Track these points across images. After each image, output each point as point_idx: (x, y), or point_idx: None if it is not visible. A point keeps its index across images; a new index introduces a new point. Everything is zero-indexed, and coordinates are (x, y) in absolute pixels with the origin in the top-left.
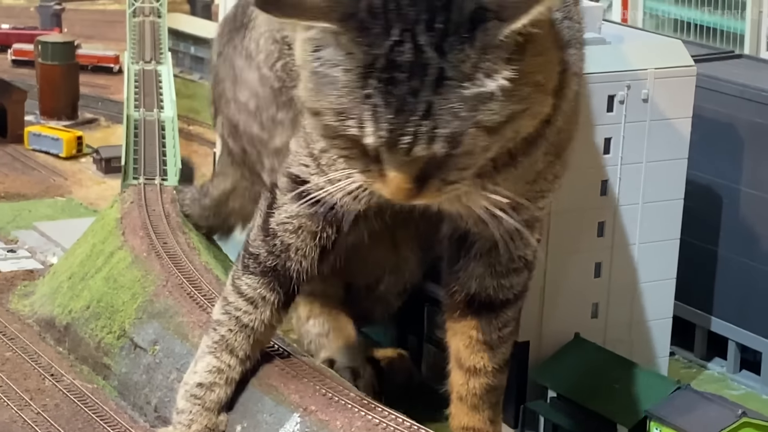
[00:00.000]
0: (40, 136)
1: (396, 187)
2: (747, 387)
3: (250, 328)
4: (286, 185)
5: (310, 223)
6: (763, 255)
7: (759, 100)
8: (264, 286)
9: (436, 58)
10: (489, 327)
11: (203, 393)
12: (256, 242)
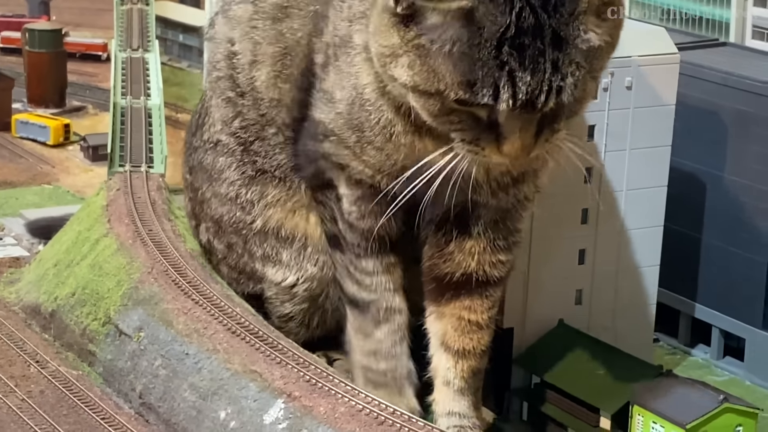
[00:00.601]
0: (27, 124)
1: (518, 146)
2: (730, 373)
3: (399, 288)
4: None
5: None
6: (746, 242)
7: (743, 87)
8: (384, 256)
9: (548, 20)
10: (481, 307)
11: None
12: (348, 234)
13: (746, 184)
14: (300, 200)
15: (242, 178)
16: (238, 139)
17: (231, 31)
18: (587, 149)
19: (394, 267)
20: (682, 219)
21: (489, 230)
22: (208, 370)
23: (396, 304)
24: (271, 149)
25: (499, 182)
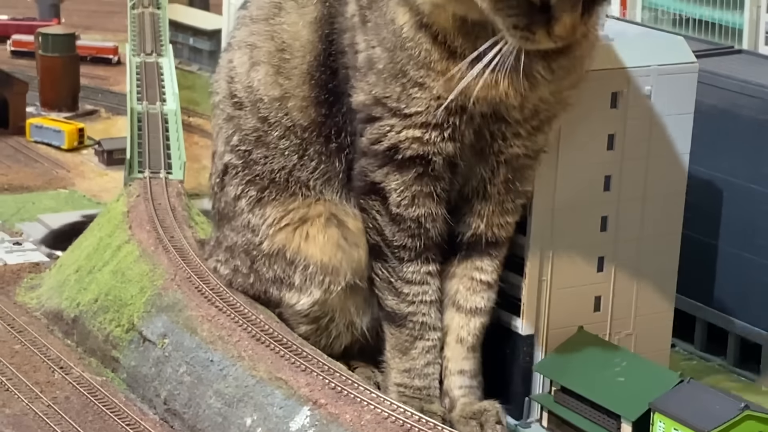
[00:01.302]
0: (41, 128)
1: (569, 25)
2: (746, 379)
3: (435, 301)
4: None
5: (418, 187)
6: (763, 249)
7: (759, 95)
8: (424, 264)
9: None
10: (491, 266)
11: (428, 370)
12: (394, 236)
13: (763, 192)
14: (297, 211)
15: (249, 203)
16: (238, 153)
17: (232, 54)
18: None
19: (432, 277)
20: (699, 226)
21: (501, 191)
22: (233, 377)
23: (431, 321)
24: (271, 154)
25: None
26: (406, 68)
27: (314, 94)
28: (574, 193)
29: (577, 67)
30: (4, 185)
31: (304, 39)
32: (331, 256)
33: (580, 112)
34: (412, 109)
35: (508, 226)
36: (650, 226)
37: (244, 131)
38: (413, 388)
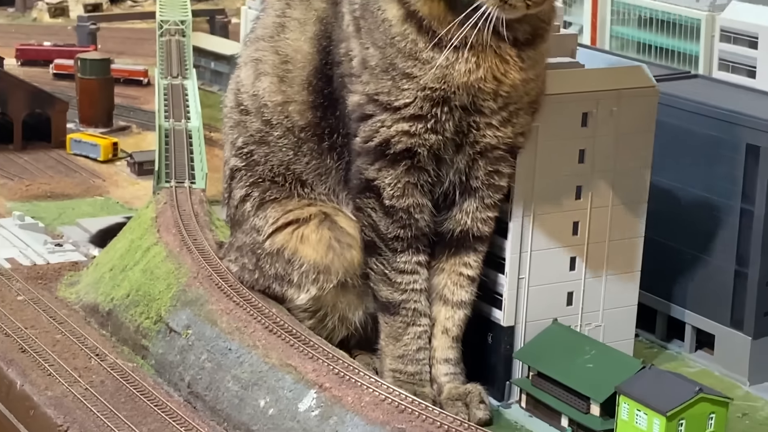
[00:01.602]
0: (80, 142)
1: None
2: (702, 365)
3: (425, 290)
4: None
5: (407, 178)
6: (716, 250)
7: (713, 115)
8: (415, 254)
9: None
10: (476, 262)
11: (419, 355)
12: (388, 229)
13: (715, 200)
14: (294, 212)
15: (252, 205)
16: (241, 156)
17: (238, 71)
18: None
19: (422, 267)
20: (659, 230)
21: (482, 186)
22: (248, 364)
23: (422, 308)
24: (271, 151)
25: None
26: (395, 61)
27: (312, 98)
28: (550, 201)
29: (540, 61)
30: (47, 193)
31: (305, 52)
32: (323, 255)
33: (555, 130)
34: (401, 101)
35: (490, 221)
36: (616, 229)
37: (249, 133)
38: (407, 374)
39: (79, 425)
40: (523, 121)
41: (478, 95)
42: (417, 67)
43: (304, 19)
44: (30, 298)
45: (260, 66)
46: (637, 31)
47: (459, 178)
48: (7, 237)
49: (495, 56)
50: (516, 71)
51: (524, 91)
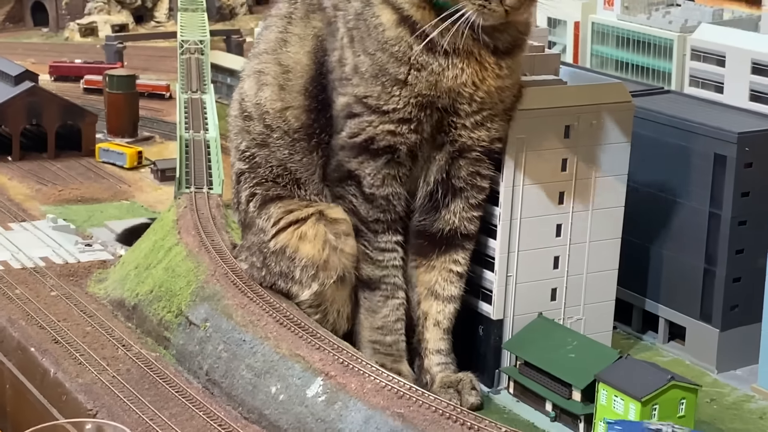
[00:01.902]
0: (108, 151)
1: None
2: (674, 354)
3: (401, 266)
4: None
5: (387, 170)
6: (687, 249)
7: (684, 128)
8: (393, 234)
9: None
10: (464, 259)
11: (397, 325)
12: (368, 213)
13: (686, 204)
14: (294, 213)
15: (255, 205)
16: (245, 159)
17: (242, 83)
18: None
19: (399, 246)
20: (635, 232)
21: (466, 186)
22: (261, 354)
23: (399, 282)
24: (271, 152)
25: (473, 111)
26: (387, 67)
27: (307, 103)
28: (535, 205)
29: (517, 70)
30: (78, 197)
31: (303, 63)
32: (320, 249)
33: (540, 141)
34: (390, 106)
35: (475, 220)
36: (596, 231)
37: (251, 137)
38: (385, 344)
39: (107, 409)
40: (498, 127)
41: (457, 99)
42: (412, 75)
43: (303, 35)
44: (62, 293)
45: (263, 77)
46: (615, 50)
47: (442, 177)
48: (42, 238)
49: (476, 63)
50: (493, 78)
51: (499, 98)
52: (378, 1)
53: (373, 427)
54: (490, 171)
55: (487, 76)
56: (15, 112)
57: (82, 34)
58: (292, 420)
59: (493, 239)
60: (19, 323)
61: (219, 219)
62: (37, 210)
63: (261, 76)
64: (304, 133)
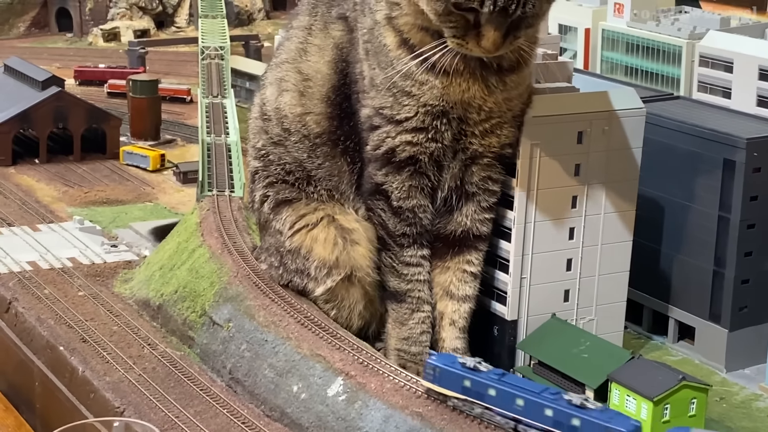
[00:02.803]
0: (132, 154)
1: (492, 40)
2: (683, 354)
3: (427, 281)
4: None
5: (411, 182)
6: (696, 252)
7: (693, 133)
8: (419, 248)
9: None
10: (477, 259)
11: (422, 338)
12: (396, 227)
13: (695, 208)
14: (306, 217)
15: (269, 206)
16: (259, 157)
17: (263, 90)
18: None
19: (425, 260)
20: (646, 234)
21: (478, 191)
22: (283, 354)
23: (425, 296)
24: (287, 152)
25: (481, 119)
26: (397, 82)
27: (329, 110)
28: (548, 209)
29: (523, 82)
30: (103, 199)
31: (324, 72)
32: (330, 251)
33: (553, 147)
34: (402, 115)
35: (487, 222)
36: (608, 234)
37: (269, 136)
38: (410, 354)
39: (134, 407)
40: (507, 133)
41: (468, 109)
42: (415, 87)
43: (323, 45)
44: (89, 293)
45: (283, 84)
46: (625, 57)
47: (456, 183)
48: (69, 239)
49: (481, 81)
50: (498, 93)
51: (507, 108)
52: (384, 23)
53: (393, 425)
54: (501, 175)
55: (493, 92)
56: (42, 116)
57: (105, 40)
58: (313, 418)
59: (508, 242)
60: (48, 322)
61: (241, 221)
62: (63, 212)
63: (282, 83)
64: (327, 138)
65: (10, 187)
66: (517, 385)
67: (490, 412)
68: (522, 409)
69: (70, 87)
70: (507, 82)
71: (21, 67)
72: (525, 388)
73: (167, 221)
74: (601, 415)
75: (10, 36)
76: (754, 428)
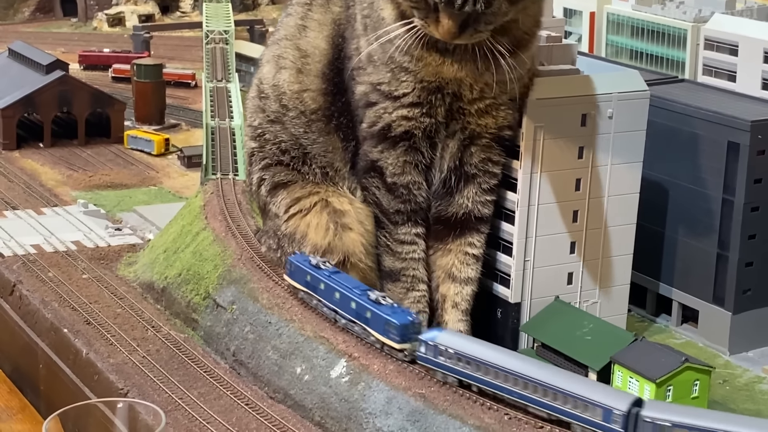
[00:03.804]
0: (136, 138)
1: (447, 29)
2: (686, 337)
3: (422, 259)
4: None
5: (405, 158)
6: (700, 235)
7: (697, 116)
8: (414, 226)
9: None
10: (479, 242)
11: (420, 318)
12: (390, 204)
13: (699, 191)
14: (300, 201)
15: (266, 189)
16: (255, 136)
17: (260, 69)
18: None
19: (419, 238)
20: (649, 217)
21: (478, 173)
22: (286, 335)
23: (420, 275)
24: (283, 128)
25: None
26: (394, 55)
27: (324, 86)
28: (552, 192)
29: (522, 66)
30: (107, 183)
31: (322, 48)
32: (322, 238)
33: (557, 129)
34: (400, 91)
35: (489, 204)
36: (611, 217)
37: (265, 113)
38: None
39: (138, 389)
40: (504, 115)
41: (461, 86)
42: (412, 63)
43: (323, 20)
44: (94, 276)
45: (281, 61)
46: (629, 40)
47: (455, 163)
48: (73, 222)
49: (474, 63)
50: (489, 77)
51: (500, 91)
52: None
53: (396, 407)
54: (501, 157)
55: (484, 74)
56: (46, 100)
57: (109, 24)
58: (316, 400)
59: (512, 225)
60: (53, 305)
61: (245, 204)
62: (68, 195)
63: (280, 60)
64: (321, 114)
65: (14, 171)
66: (339, 281)
67: (320, 304)
68: (338, 302)
69: (75, 72)
70: (499, 65)
71: (25, 51)
72: (343, 284)
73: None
74: (386, 309)
75: (15, 21)
76: (757, 410)
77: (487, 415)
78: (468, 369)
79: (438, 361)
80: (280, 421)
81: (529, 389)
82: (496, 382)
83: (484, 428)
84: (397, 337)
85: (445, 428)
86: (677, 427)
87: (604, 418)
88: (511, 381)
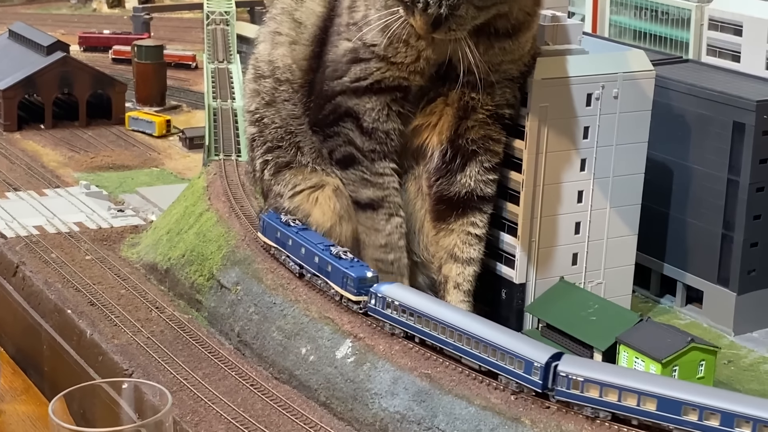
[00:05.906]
0: (137, 120)
1: (419, 25)
2: (691, 317)
3: (398, 189)
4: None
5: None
6: (704, 216)
7: (702, 96)
8: (389, 162)
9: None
10: (482, 221)
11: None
12: (365, 145)
13: (704, 171)
14: (305, 181)
15: (270, 172)
16: (254, 121)
17: (256, 48)
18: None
19: (395, 173)
20: (654, 198)
21: (480, 151)
22: (291, 316)
23: (400, 201)
24: (276, 110)
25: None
26: (393, 25)
27: (314, 48)
28: (557, 173)
29: (520, 48)
30: (109, 165)
31: (318, 12)
32: (329, 218)
33: (562, 109)
34: (398, 60)
35: (491, 183)
36: (616, 198)
37: (261, 96)
38: (387, 263)
39: (142, 369)
40: (501, 93)
41: (457, 64)
42: (412, 38)
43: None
44: (97, 257)
45: (277, 38)
46: (633, 20)
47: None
48: (75, 204)
49: (466, 44)
50: (486, 56)
51: (493, 70)
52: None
53: (401, 387)
54: (501, 135)
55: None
56: (47, 82)
57: (109, 6)
58: (321, 380)
59: (516, 205)
60: (56, 286)
61: (248, 185)
62: (70, 176)
63: (276, 36)
64: (307, 90)
65: (16, 152)
66: (305, 237)
67: (288, 259)
68: (303, 256)
69: (75, 53)
70: (495, 47)
71: (26, 32)
72: (309, 240)
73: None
74: (345, 263)
75: (15, 2)
76: (762, 391)
77: (493, 395)
78: (411, 321)
79: (386, 313)
80: (285, 401)
81: (463, 341)
82: (435, 333)
83: (491, 408)
84: (354, 290)
85: (451, 408)
86: (588, 381)
87: (525, 369)
88: (448, 333)
